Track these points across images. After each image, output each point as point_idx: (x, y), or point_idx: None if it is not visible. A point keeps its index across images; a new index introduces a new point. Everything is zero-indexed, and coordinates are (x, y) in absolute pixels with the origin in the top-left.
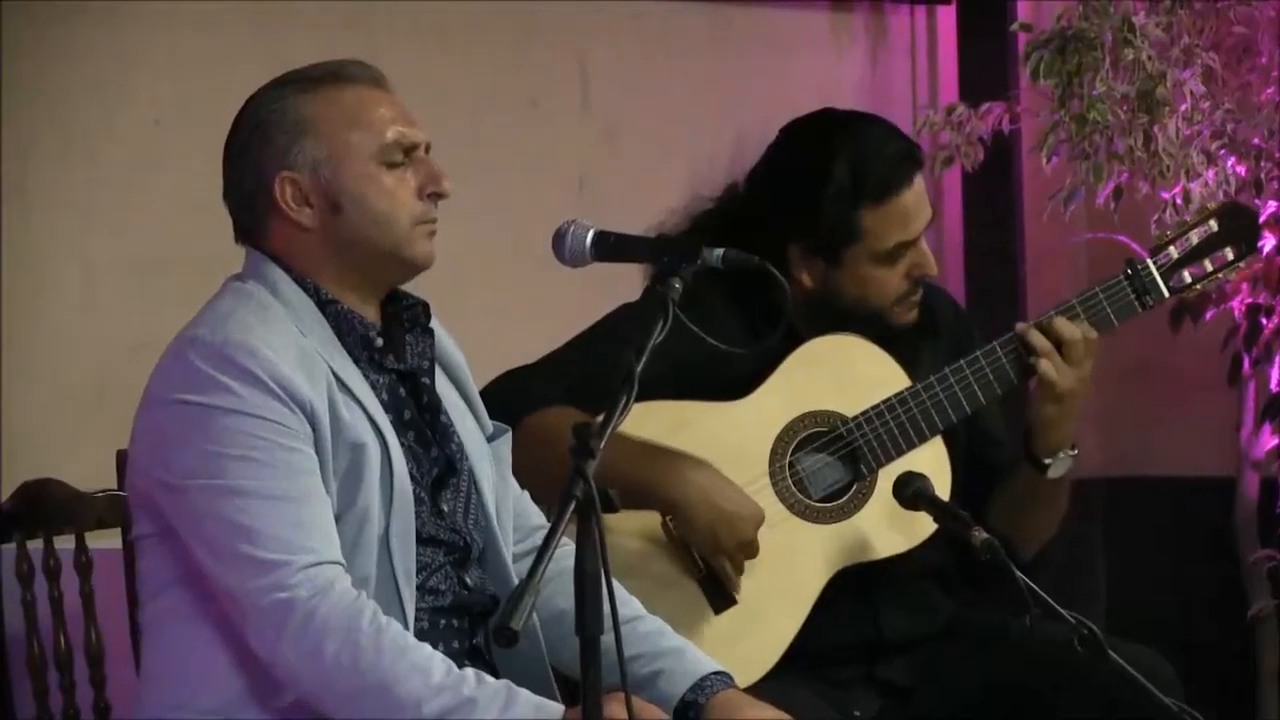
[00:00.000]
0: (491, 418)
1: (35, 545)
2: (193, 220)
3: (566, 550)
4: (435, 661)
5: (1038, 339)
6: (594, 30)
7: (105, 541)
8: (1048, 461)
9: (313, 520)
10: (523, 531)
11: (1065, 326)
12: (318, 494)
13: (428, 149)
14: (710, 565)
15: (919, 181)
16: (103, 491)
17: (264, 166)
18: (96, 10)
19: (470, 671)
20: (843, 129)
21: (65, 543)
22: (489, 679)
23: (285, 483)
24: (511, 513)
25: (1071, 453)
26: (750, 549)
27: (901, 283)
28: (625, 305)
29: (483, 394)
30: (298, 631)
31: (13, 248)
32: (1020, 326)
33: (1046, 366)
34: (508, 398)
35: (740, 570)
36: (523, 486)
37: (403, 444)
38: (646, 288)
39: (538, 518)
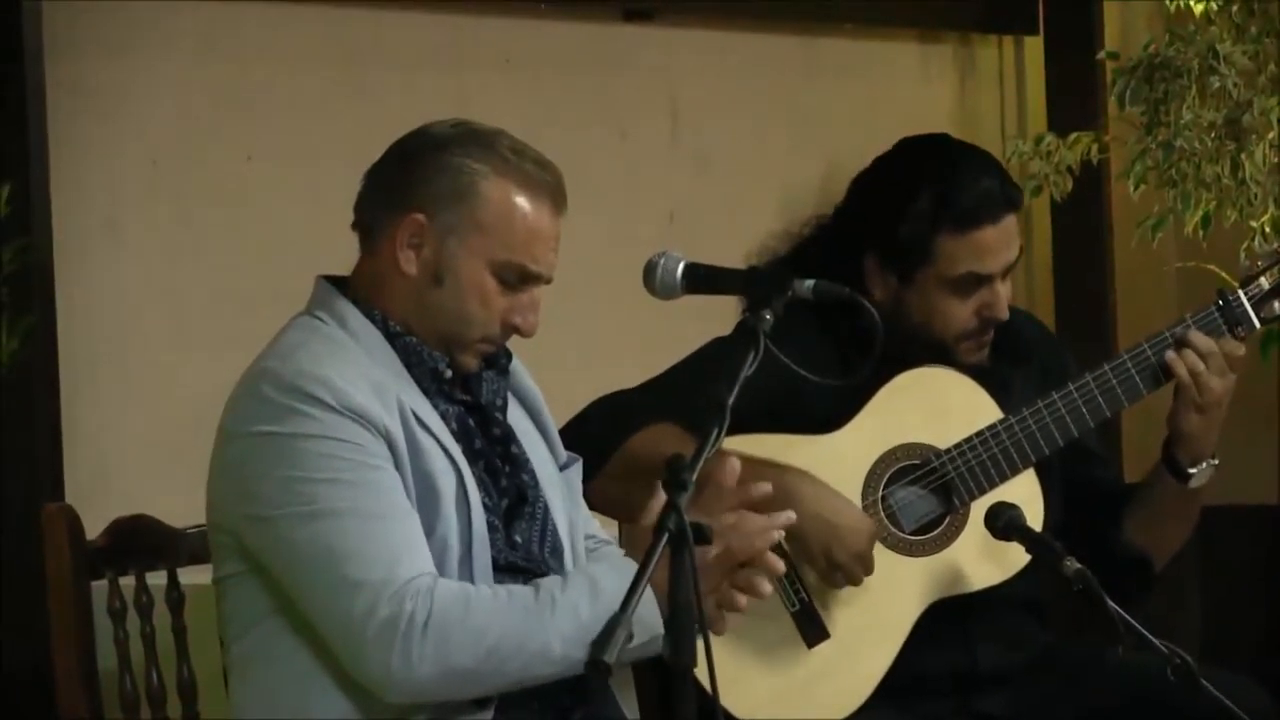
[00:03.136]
0: (591, 439)
1: (127, 582)
2: (284, 257)
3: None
4: (520, 598)
5: (1186, 352)
6: (683, 61)
7: (198, 577)
8: (1192, 471)
9: (406, 536)
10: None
11: (1203, 340)
12: (407, 510)
13: (549, 281)
14: (810, 594)
15: (1008, 222)
16: (195, 527)
17: (410, 195)
18: (189, 47)
19: (545, 586)
20: (946, 154)
21: (157, 579)
22: (559, 581)
23: (376, 501)
24: (582, 539)
25: (1213, 462)
26: (866, 562)
27: (970, 319)
28: (719, 338)
29: (582, 415)
30: (407, 645)
31: (104, 284)
32: (1176, 330)
33: (1186, 376)
34: (609, 420)
35: (857, 581)
36: (619, 513)
37: (474, 474)
38: (740, 320)
39: (593, 526)
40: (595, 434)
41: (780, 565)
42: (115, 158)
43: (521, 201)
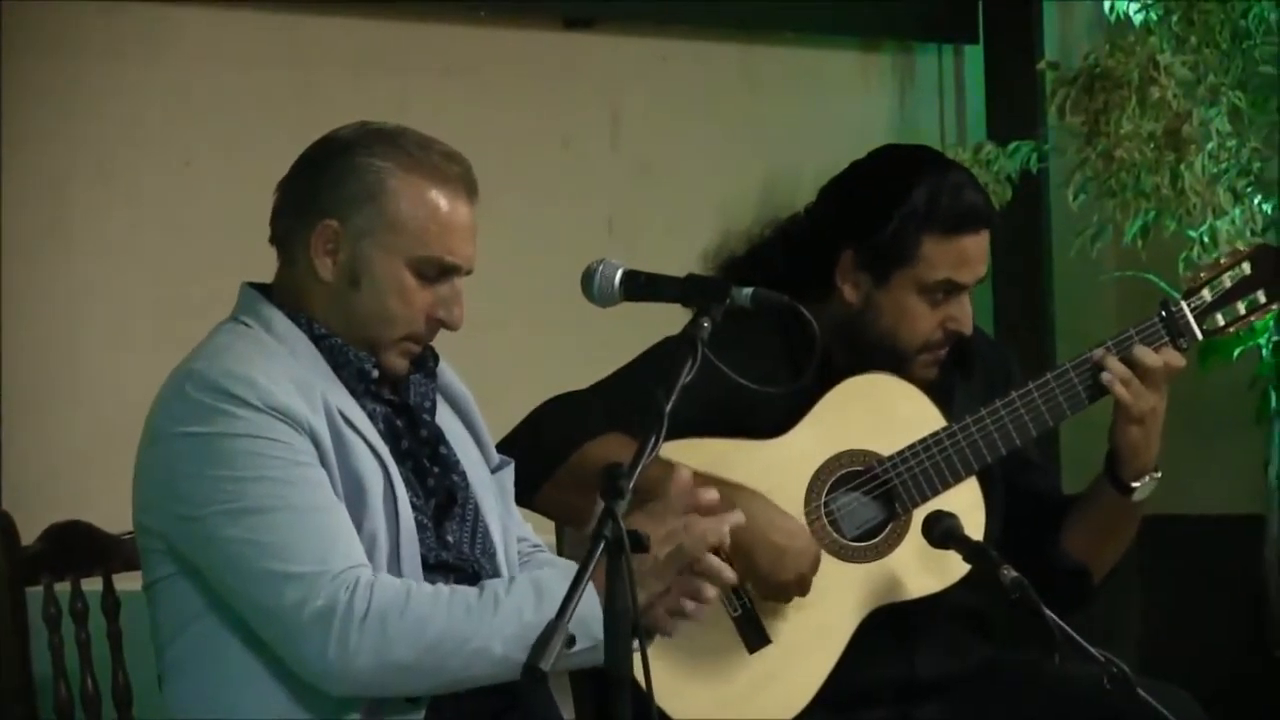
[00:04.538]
0: (543, 444)
1: (62, 587)
2: (226, 260)
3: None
4: (463, 596)
5: (1116, 365)
6: (625, 71)
7: (133, 583)
8: (1135, 485)
9: (337, 529)
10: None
11: (1146, 354)
12: (335, 504)
13: (468, 272)
14: (752, 599)
15: (984, 237)
16: (131, 533)
17: (320, 202)
18: (134, 52)
19: (490, 586)
20: (934, 163)
21: (93, 584)
22: (504, 584)
23: (305, 496)
24: (515, 541)
25: (1156, 475)
26: (805, 584)
27: (935, 330)
28: (669, 338)
29: (534, 419)
30: (344, 633)
31: (45, 288)
32: (1098, 353)
33: (1122, 391)
34: (562, 426)
35: (790, 597)
36: (566, 520)
37: (401, 473)
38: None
39: (525, 530)
40: (548, 439)
41: (730, 573)
42: (61, 160)
43: (432, 195)
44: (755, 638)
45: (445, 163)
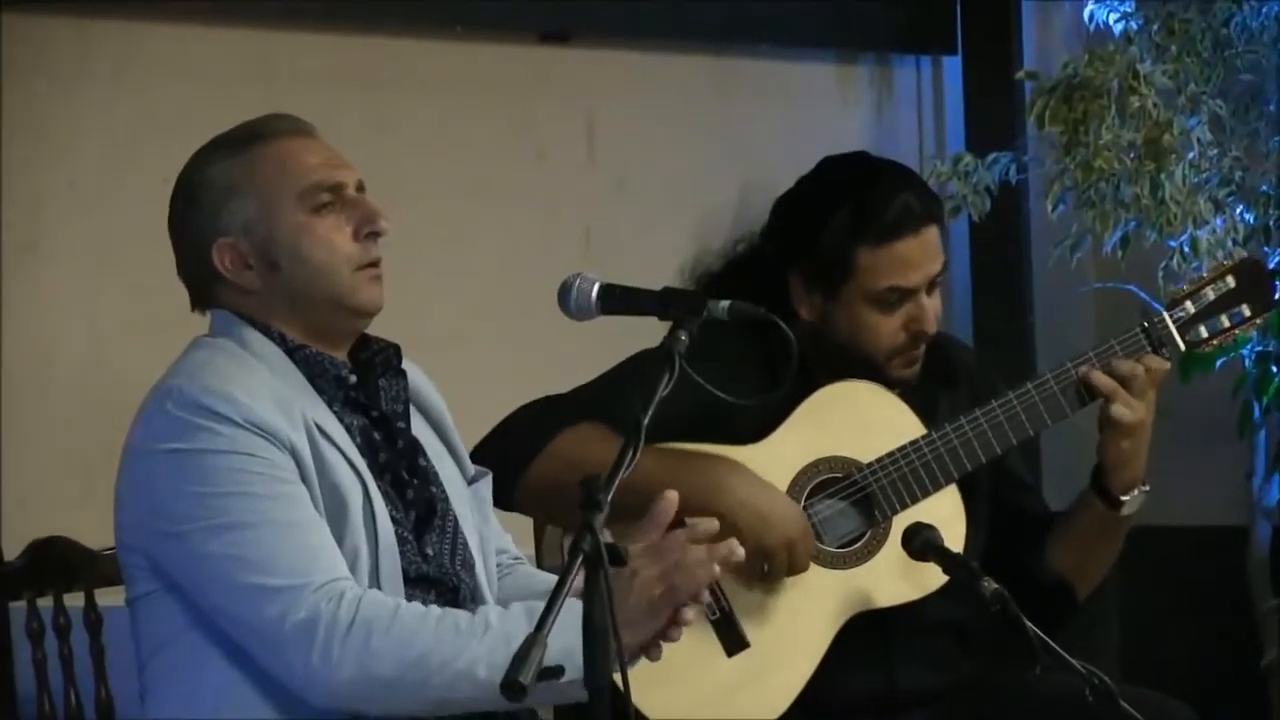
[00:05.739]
0: (512, 441)
1: (45, 603)
2: None
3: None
4: (453, 618)
5: (1101, 379)
6: (601, 82)
7: (115, 598)
8: (1124, 499)
9: (319, 544)
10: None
11: (1125, 364)
12: (317, 520)
13: (360, 187)
14: (731, 603)
15: (928, 234)
16: (112, 549)
17: (201, 236)
18: (106, 69)
19: (483, 610)
20: (864, 169)
21: (75, 600)
22: (498, 611)
23: (286, 511)
24: (494, 553)
25: (1145, 489)
26: (796, 551)
27: (898, 334)
28: (645, 351)
29: (502, 422)
30: (328, 644)
31: (22, 305)
32: (1083, 370)
33: (1117, 407)
34: (531, 421)
35: (791, 570)
36: (547, 511)
37: (380, 487)
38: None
39: (505, 542)
40: (521, 435)
41: (705, 596)
42: (33, 179)
43: (272, 152)
44: (733, 641)
45: (265, 125)
